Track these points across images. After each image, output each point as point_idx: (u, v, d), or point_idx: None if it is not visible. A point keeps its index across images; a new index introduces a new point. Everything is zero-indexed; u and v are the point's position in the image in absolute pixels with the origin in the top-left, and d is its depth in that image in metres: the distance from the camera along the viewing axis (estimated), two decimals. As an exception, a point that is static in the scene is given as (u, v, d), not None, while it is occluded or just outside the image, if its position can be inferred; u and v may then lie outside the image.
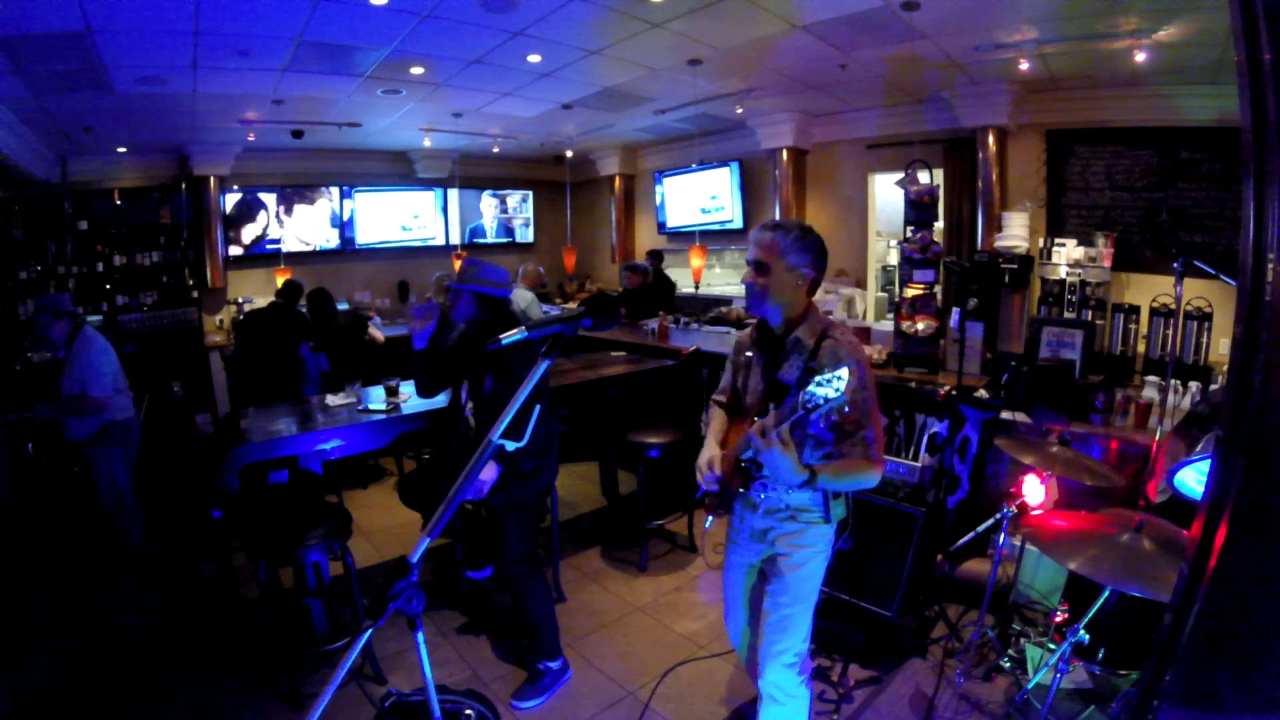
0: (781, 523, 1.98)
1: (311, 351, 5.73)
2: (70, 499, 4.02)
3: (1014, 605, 2.92)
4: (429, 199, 8.42)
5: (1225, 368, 2.49)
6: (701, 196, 7.63)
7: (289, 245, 7.40)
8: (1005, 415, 3.37)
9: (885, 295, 7.00)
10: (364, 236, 7.95)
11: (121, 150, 6.36)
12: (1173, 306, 3.09)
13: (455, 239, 8.60)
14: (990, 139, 5.04)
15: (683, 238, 7.89)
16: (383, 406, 3.50)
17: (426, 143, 7.23)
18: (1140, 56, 3.73)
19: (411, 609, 1.16)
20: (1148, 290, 4.32)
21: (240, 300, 7.04)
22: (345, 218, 7.76)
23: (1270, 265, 0.83)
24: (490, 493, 2.63)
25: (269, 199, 7.23)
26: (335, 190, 7.64)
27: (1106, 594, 2.13)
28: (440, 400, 3.29)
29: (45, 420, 3.65)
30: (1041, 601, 2.93)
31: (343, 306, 6.17)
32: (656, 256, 7.33)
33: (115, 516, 3.75)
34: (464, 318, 2.79)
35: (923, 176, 4.22)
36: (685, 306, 7.02)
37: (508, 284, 2.78)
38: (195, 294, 6.84)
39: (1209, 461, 0.99)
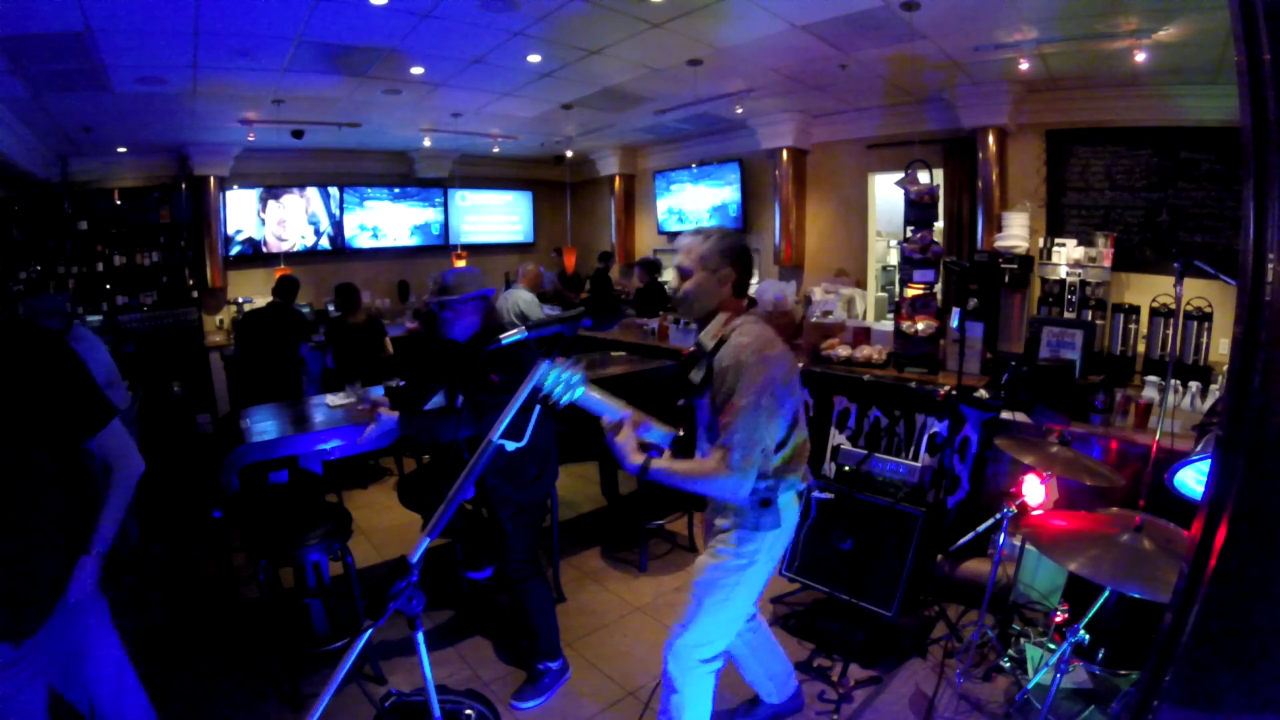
0: (716, 519, 2.02)
1: (312, 350, 5.73)
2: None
3: (1014, 605, 2.92)
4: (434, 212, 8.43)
5: (1225, 368, 2.49)
6: (705, 203, 7.63)
7: (290, 244, 7.41)
8: (1005, 415, 3.37)
9: (885, 295, 7.00)
10: (364, 239, 7.96)
11: (121, 150, 6.36)
12: (1173, 306, 3.10)
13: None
14: (990, 139, 5.04)
15: (683, 238, 7.88)
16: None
17: (426, 143, 7.23)
18: (1140, 56, 3.73)
19: (411, 609, 1.16)
20: (1148, 290, 4.32)
21: (240, 300, 7.04)
22: (343, 217, 7.77)
23: (1270, 265, 0.83)
24: (496, 500, 2.63)
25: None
26: (335, 190, 7.65)
27: (1106, 594, 2.13)
28: (439, 400, 3.28)
29: None
30: (1041, 601, 2.93)
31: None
32: (652, 266, 7.33)
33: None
34: (469, 332, 2.65)
35: (923, 176, 4.22)
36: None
37: (485, 280, 2.73)
38: (195, 294, 6.84)
39: (1209, 461, 0.99)
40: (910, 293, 4.09)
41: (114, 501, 1.73)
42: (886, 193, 6.15)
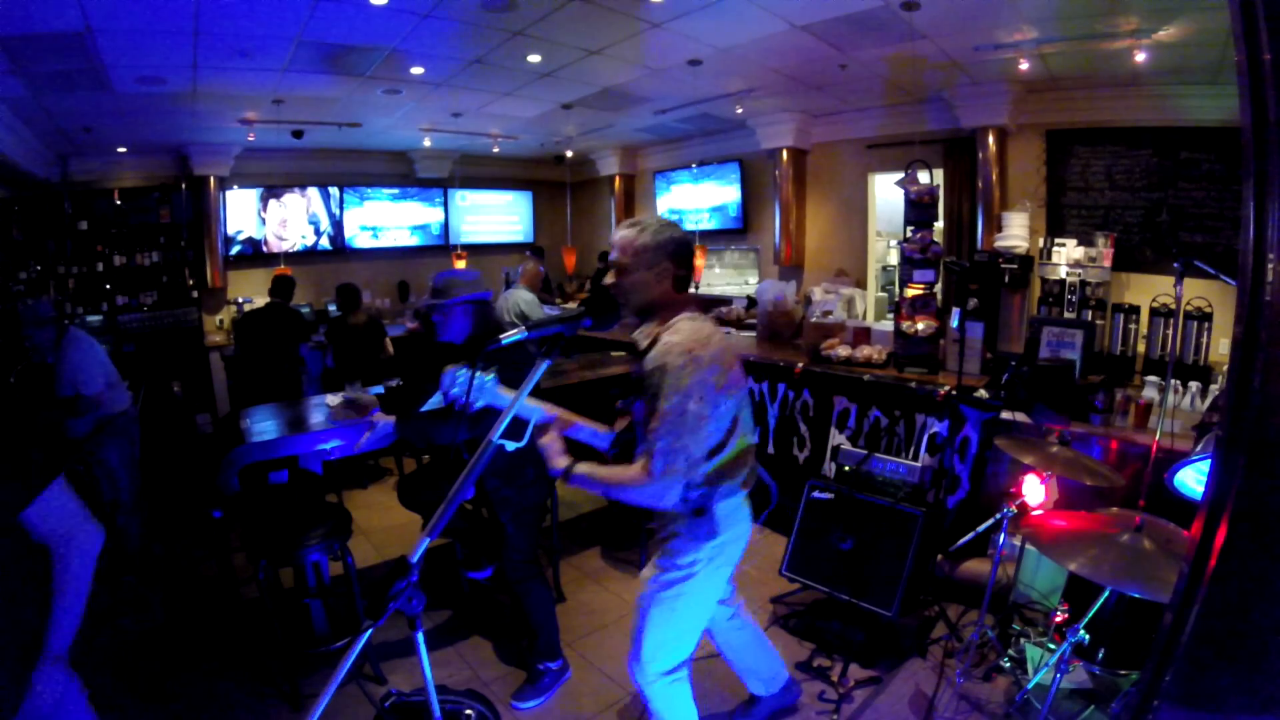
0: (660, 528, 1.92)
1: (312, 350, 5.71)
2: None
3: (1014, 605, 2.93)
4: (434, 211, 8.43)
5: (1225, 368, 2.49)
6: (705, 203, 7.64)
7: (290, 244, 7.42)
8: (1005, 415, 3.37)
9: (885, 295, 7.00)
10: (363, 239, 7.96)
11: (121, 150, 6.36)
12: (1173, 306, 3.09)
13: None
14: (990, 139, 5.04)
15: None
16: (383, 406, 3.49)
17: (426, 143, 7.23)
18: (1140, 56, 3.73)
19: (411, 609, 1.16)
20: (1148, 290, 4.32)
21: (240, 300, 7.04)
22: (343, 217, 7.77)
23: (1270, 265, 0.83)
24: (496, 501, 2.63)
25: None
26: (335, 190, 7.65)
27: (1106, 594, 2.13)
28: (438, 401, 3.28)
29: (46, 423, 3.66)
30: (1041, 601, 2.93)
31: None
32: None
33: (114, 514, 3.76)
34: (462, 334, 2.66)
35: (923, 176, 4.22)
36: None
37: (483, 284, 2.74)
38: (195, 294, 6.84)
39: (1209, 461, 0.99)
40: (910, 293, 4.09)
41: (68, 593, 1.42)
42: (886, 193, 6.15)
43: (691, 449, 1.67)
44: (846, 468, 3.35)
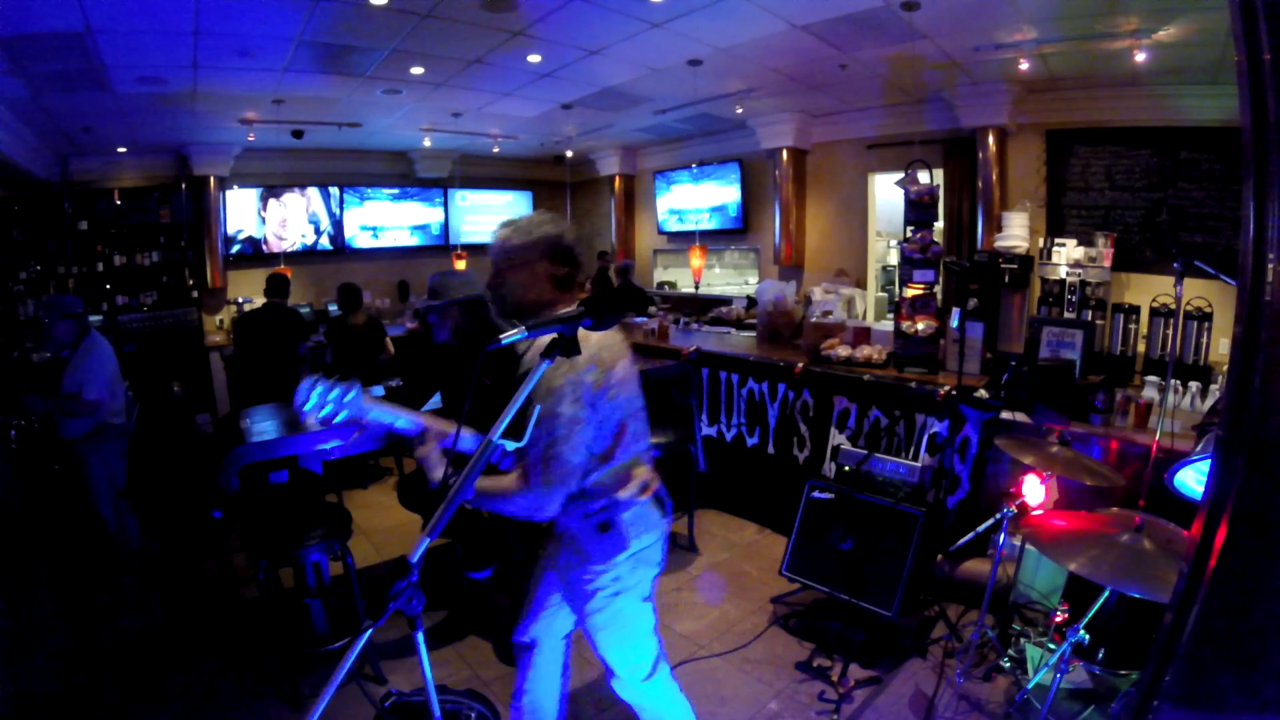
0: (568, 551, 1.77)
1: (312, 349, 5.71)
2: (70, 498, 4.03)
3: (1014, 605, 2.92)
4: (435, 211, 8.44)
5: (1225, 368, 2.49)
6: (705, 203, 7.65)
7: (290, 244, 7.42)
8: (1005, 415, 3.37)
9: (885, 295, 7.00)
10: (363, 239, 7.96)
11: (121, 150, 6.37)
12: (1173, 306, 3.10)
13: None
14: (990, 139, 5.05)
15: (683, 238, 7.91)
16: (383, 406, 3.49)
17: (426, 143, 7.23)
18: (1140, 56, 3.74)
19: (411, 609, 1.16)
20: (1148, 290, 4.32)
21: (240, 300, 7.04)
22: (343, 217, 7.77)
23: (1270, 265, 0.83)
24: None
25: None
26: (336, 190, 7.65)
27: (1106, 594, 2.13)
28: (436, 403, 3.28)
29: (38, 414, 3.65)
30: (1041, 601, 2.92)
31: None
32: (624, 270, 7.39)
33: (106, 517, 3.75)
34: (458, 335, 2.70)
35: (923, 176, 4.21)
36: (685, 307, 7.02)
37: (478, 284, 2.76)
38: (195, 294, 6.84)
39: (1209, 461, 0.99)
40: (910, 293, 4.08)
41: None
42: (886, 193, 6.16)
43: (566, 455, 1.54)
44: (846, 468, 3.35)
